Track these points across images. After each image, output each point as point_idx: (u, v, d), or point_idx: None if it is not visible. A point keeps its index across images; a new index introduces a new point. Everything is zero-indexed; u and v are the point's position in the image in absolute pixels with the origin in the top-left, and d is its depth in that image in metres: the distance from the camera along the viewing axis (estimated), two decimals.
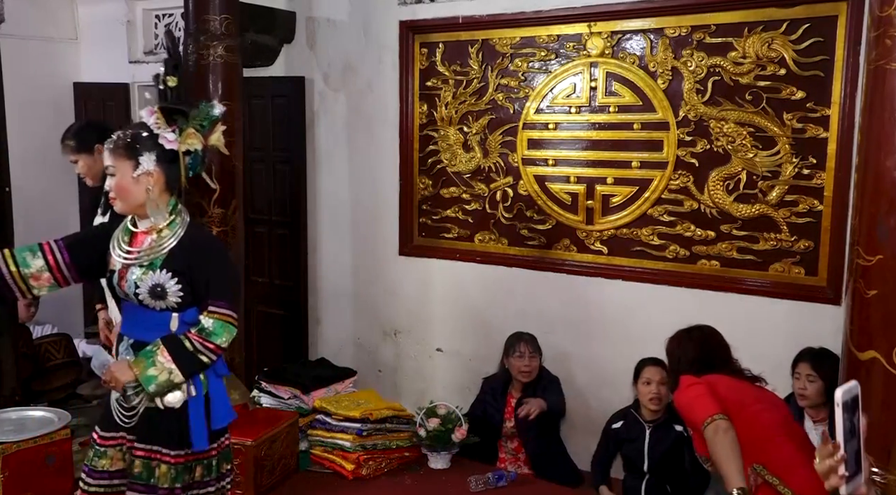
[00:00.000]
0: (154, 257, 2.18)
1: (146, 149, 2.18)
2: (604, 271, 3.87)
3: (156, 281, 2.16)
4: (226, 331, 2.19)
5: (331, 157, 4.78)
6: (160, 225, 2.21)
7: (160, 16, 5.60)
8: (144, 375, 2.11)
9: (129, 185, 2.18)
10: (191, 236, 2.23)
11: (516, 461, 3.54)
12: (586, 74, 3.86)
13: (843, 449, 1.38)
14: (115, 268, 2.22)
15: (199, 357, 2.16)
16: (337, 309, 4.85)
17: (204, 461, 2.26)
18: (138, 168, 2.17)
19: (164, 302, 2.18)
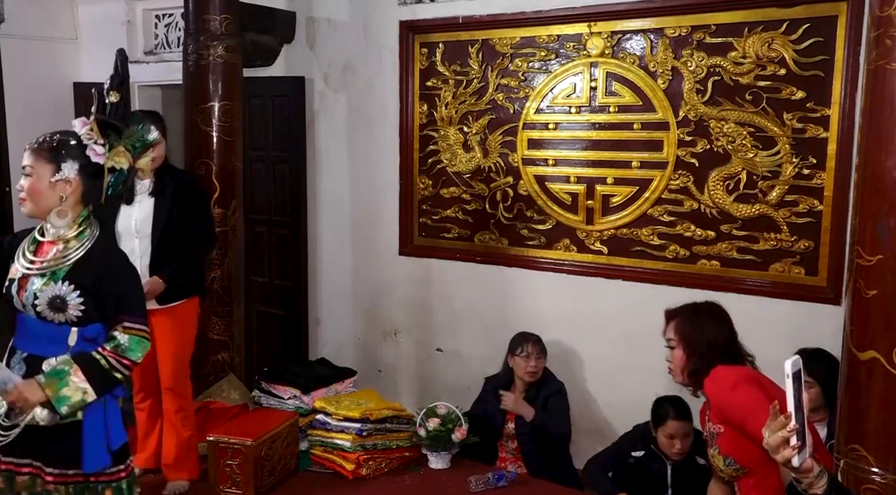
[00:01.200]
0: (57, 267, 2.10)
1: (70, 156, 2.12)
2: (604, 271, 3.87)
3: (56, 292, 2.08)
4: (140, 346, 2.12)
5: (331, 157, 4.78)
6: (67, 235, 2.14)
7: (160, 16, 5.60)
8: (57, 396, 2.00)
9: (44, 189, 2.11)
10: (101, 251, 2.16)
11: (516, 461, 3.53)
12: (586, 74, 3.86)
13: (794, 420, 1.41)
14: (15, 278, 2.14)
15: (113, 374, 2.08)
16: (337, 309, 4.85)
17: (113, 484, 2.16)
18: (57, 174, 2.11)
19: (64, 315, 2.09)
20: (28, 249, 2.16)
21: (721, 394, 2.22)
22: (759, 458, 2.15)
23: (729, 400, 2.20)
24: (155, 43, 5.64)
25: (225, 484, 3.06)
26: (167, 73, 5.22)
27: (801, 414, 1.44)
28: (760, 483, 2.22)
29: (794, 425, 1.41)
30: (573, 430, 3.63)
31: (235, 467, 3.04)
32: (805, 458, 1.45)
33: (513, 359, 3.60)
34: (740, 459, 2.22)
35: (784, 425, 1.43)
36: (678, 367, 2.34)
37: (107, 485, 2.14)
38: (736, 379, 2.23)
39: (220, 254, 4.04)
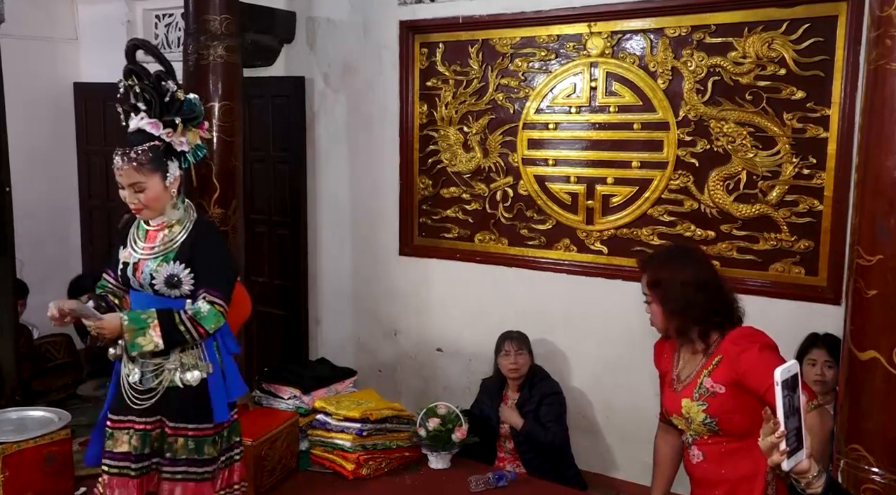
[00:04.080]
0: (167, 251, 2.34)
1: (168, 158, 2.33)
2: (604, 271, 3.87)
3: (171, 271, 2.32)
4: (216, 318, 2.32)
5: (331, 157, 4.78)
6: (172, 220, 2.38)
7: (160, 16, 5.60)
8: (132, 341, 2.25)
9: (162, 195, 2.33)
10: (198, 228, 2.40)
11: (514, 461, 3.54)
12: (586, 74, 3.86)
13: (784, 425, 1.46)
14: (130, 262, 2.38)
15: (185, 336, 2.29)
16: (337, 309, 4.85)
17: (221, 432, 2.44)
18: (167, 177, 2.32)
19: (179, 290, 2.34)
20: (138, 236, 2.40)
21: (750, 353, 2.14)
22: (744, 429, 2.17)
23: (758, 362, 2.11)
24: (155, 43, 5.63)
25: None
26: None
27: (796, 419, 1.48)
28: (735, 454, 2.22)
29: (782, 431, 1.46)
30: (573, 430, 3.63)
31: None
32: (799, 461, 1.50)
33: (497, 358, 3.63)
34: (725, 425, 2.21)
35: (773, 431, 1.47)
36: (658, 321, 2.30)
37: (219, 435, 2.43)
38: (764, 342, 2.19)
39: None
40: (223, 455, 2.48)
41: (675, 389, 2.32)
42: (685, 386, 2.29)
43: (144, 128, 2.31)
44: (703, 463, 2.29)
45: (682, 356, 2.36)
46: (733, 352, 2.19)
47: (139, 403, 2.37)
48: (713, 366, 2.23)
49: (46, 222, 5.56)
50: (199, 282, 2.34)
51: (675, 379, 2.34)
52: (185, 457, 2.37)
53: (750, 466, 2.22)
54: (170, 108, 2.33)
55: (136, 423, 2.38)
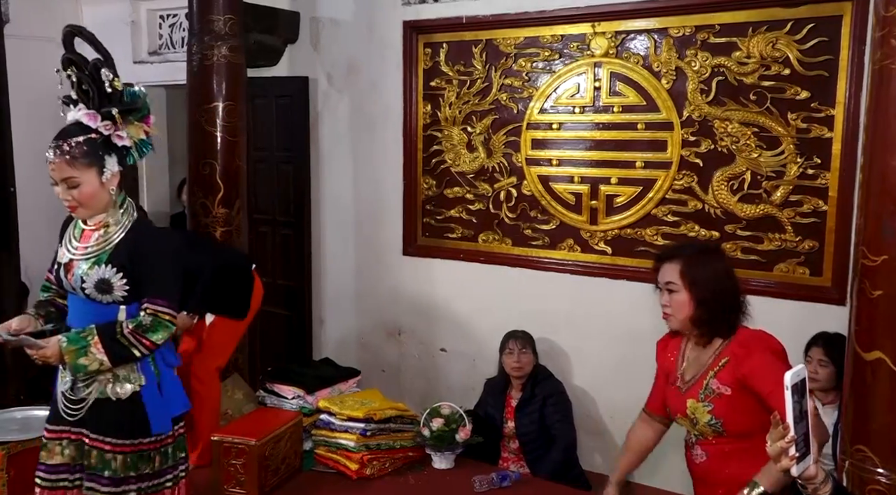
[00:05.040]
0: (100, 252, 2.21)
1: (106, 152, 2.19)
2: (608, 271, 3.87)
3: (101, 275, 2.18)
4: (163, 329, 2.21)
5: (334, 157, 4.78)
6: (108, 220, 2.23)
7: (164, 16, 5.61)
8: (75, 363, 2.15)
9: (98, 192, 2.18)
10: (136, 232, 2.25)
11: (518, 461, 3.54)
12: (590, 74, 3.85)
13: (793, 430, 1.45)
14: (62, 262, 2.25)
15: (131, 350, 2.18)
16: (341, 309, 4.85)
17: (161, 449, 2.30)
18: (104, 173, 2.18)
19: (111, 296, 2.21)
20: (74, 235, 2.27)
21: (757, 356, 2.14)
22: (748, 430, 2.16)
23: (764, 365, 2.12)
24: (159, 43, 5.65)
25: (229, 483, 3.05)
26: (171, 73, 5.23)
27: (805, 424, 1.47)
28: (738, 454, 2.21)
29: (792, 436, 1.44)
30: (577, 430, 3.63)
31: (239, 467, 3.03)
32: (807, 466, 1.49)
33: (501, 357, 3.63)
34: (730, 426, 2.20)
35: (783, 436, 1.46)
36: (680, 313, 2.25)
37: (156, 451, 2.29)
38: (772, 346, 2.18)
39: None
40: (167, 474, 2.32)
41: (680, 389, 2.31)
42: (690, 387, 2.28)
43: (81, 119, 2.18)
44: (706, 463, 2.28)
45: (687, 355, 2.35)
46: (740, 353, 2.18)
47: (72, 414, 2.26)
48: (720, 367, 2.22)
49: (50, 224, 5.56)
50: (142, 291, 2.21)
51: (680, 378, 2.33)
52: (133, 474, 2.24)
53: (753, 467, 2.21)
54: (110, 99, 2.19)
55: (72, 434, 2.28)
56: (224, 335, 3.48)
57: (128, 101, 2.22)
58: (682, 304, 2.25)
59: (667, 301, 2.30)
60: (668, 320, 2.33)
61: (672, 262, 2.29)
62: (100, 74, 2.17)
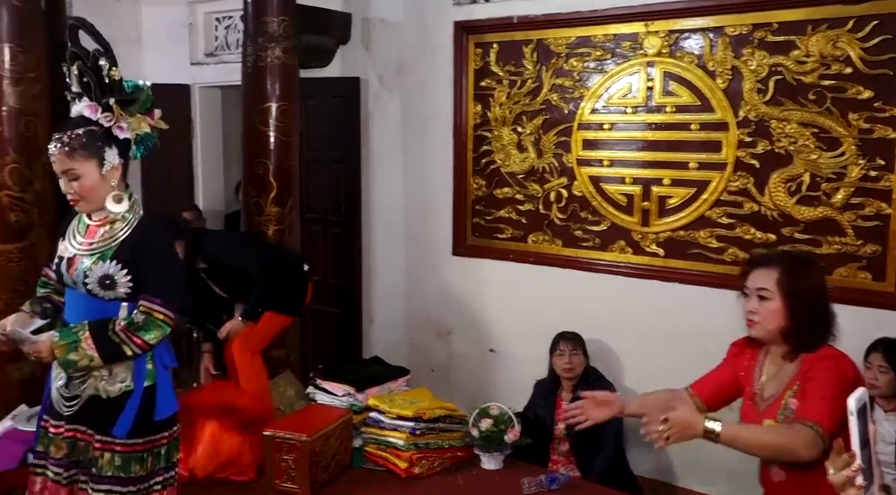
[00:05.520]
0: (105, 248, 2.17)
1: (106, 144, 2.16)
2: (660, 274, 3.82)
3: (105, 271, 2.14)
4: (156, 328, 2.15)
5: (385, 157, 4.82)
6: (116, 216, 2.20)
7: (220, 18, 5.72)
8: (65, 358, 2.11)
9: (98, 184, 2.15)
10: (140, 229, 2.21)
11: (568, 464, 3.51)
12: (643, 74, 3.81)
13: (859, 458, 1.36)
14: (65, 256, 2.21)
15: (122, 348, 2.13)
16: (390, 307, 4.88)
17: (154, 450, 2.24)
18: (104, 165, 2.15)
19: (114, 292, 2.17)
20: (78, 230, 2.23)
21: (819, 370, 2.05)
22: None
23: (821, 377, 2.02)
24: (215, 45, 5.76)
25: (281, 478, 3.10)
26: (227, 74, 5.33)
27: (868, 450, 1.39)
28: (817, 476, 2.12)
29: (858, 464, 1.36)
30: (627, 434, 3.59)
31: (291, 462, 3.07)
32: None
33: (552, 359, 3.61)
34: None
35: (848, 463, 1.38)
36: (770, 323, 2.12)
37: (149, 452, 2.22)
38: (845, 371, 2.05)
39: None
40: (159, 475, 2.26)
41: (758, 407, 2.18)
42: (769, 406, 2.15)
43: (83, 112, 2.16)
44: (784, 484, 2.16)
45: (764, 370, 2.21)
46: (820, 369, 2.06)
47: (65, 409, 2.22)
48: (797, 386, 2.09)
49: None
50: (141, 289, 2.17)
51: (758, 395, 2.19)
52: (111, 475, 2.18)
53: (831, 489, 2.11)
54: (109, 90, 2.16)
55: (66, 430, 2.23)
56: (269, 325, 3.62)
57: (127, 92, 2.20)
58: (773, 314, 2.12)
59: (755, 308, 2.15)
60: (753, 328, 2.18)
61: (768, 269, 2.16)
62: (98, 65, 2.14)
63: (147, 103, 2.24)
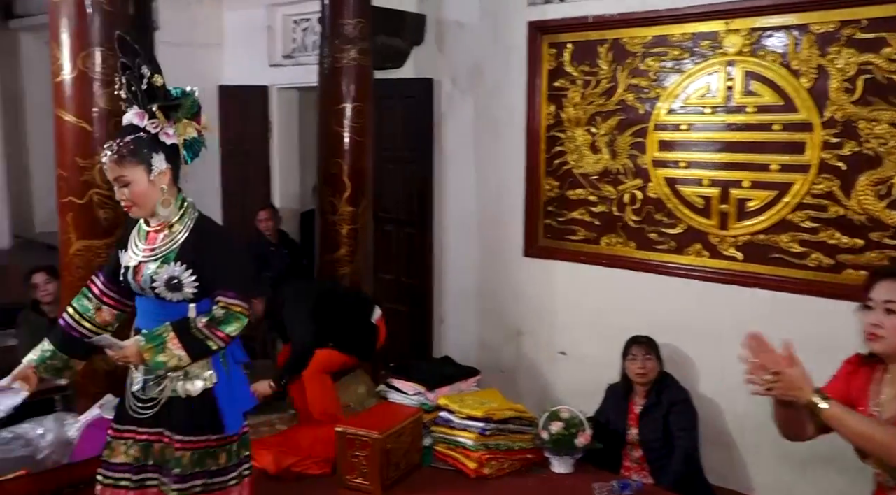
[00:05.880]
0: (168, 251, 2.22)
1: (153, 150, 2.20)
2: (738, 278, 3.72)
3: (171, 274, 2.19)
4: (235, 320, 2.21)
5: (457, 158, 4.83)
6: (172, 220, 2.25)
7: (298, 20, 5.84)
8: (154, 360, 2.15)
9: (147, 190, 2.20)
10: (199, 228, 2.26)
11: (641, 470, 3.45)
12: (722, 73, 3.72)
13: None
14: (130, 265, 2.26)
15: (207, 343, 2.19)
16: (461, 308, 4.90)
17: (226, 446, 2.29)
18: (152, 170, 2.19)
19: (181, 293, 2.22)
20: (139, 238, 2.28)
21: None
22: None
23: None
24: (293, 47, 5.89)
25: (352, 474, 3.15)
26: (303, 75, 5.44)
27: None
28: None
29: None
30: (703, 442, 3.51)
31: (363, 458, 3.13)
32: None
33: (624, 363, 3.56)
34: None
35: None
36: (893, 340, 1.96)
37: (221, 449, 2.28)
38: None
39: (351, 251, 4.19)
40: (232, 471, 2.31)
41: None
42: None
43: (132, 119, 2.21)
44: None
45: (883, 390, 2.05)
46: None
47: (140, 413, 2.27)
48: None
49: None
50: (211, 287, 2.22)
51: (876, 417, 2.02)
52: (200, 470, 2.24)
53: None
54: (154, 96, 2.20)
55: (138, 434, 2.28)
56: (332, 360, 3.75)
57: (172, 97, 2.23)
58: None
59: (880, 321, 2.00)
60: (876, 342, 2.02)
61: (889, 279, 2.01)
62: (142, 74, 2.18)
63: (193, 108, 2.28)
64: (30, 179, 7.57)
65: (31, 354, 2.30)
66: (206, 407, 2.25)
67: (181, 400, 2.24)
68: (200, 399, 2.24)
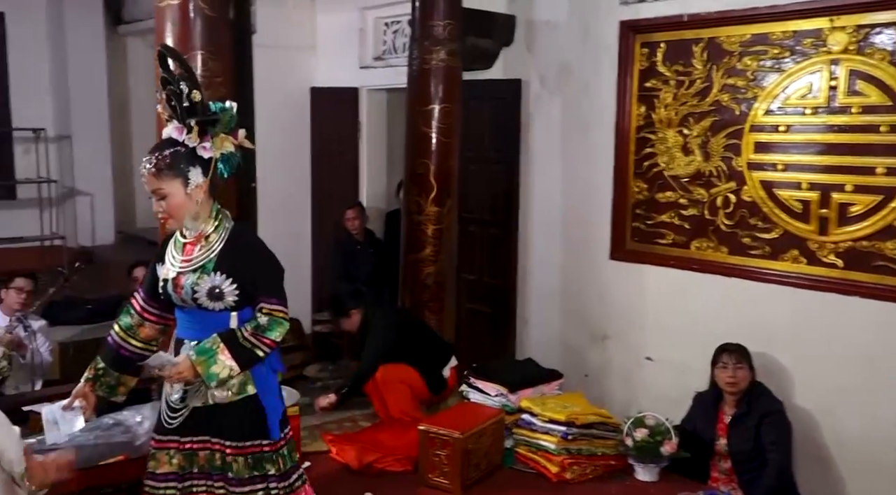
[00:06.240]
0: (206, 261, 2.26)
1: (190, 164, 2.24)
2: (838, 286, 3.55)
3: (213, 283, 2.24)
4: (279, 326, 2.26)
5: (544, 159, 4.80)
6: (207, 231, 2.29)
7: (389, 23, 5.92)
8: (207, 373, 2.20)
9: (184, 203, 2.24)
10: (235, 238, 2.30)
11: (730, 482, 3.34)
12: (825, 72, 3.56)
13: None
14: (169, 278, 2.30)
15: (255, 352, 2.24)
16: (545, 309, 4.86)
17: (279, 451, 2.33)
18: (188, 184, 2.23)
19: (223, 302, 2.26)
20: (175, 250, 2.33)
21: None
22: None
23: None
24: (383, 49, 5.98)
25: (434, 473, 3.18)
26: (393, 77, 5.52)
27: None
28: None
29: None
30: (798, 455, 3.37)
31: (444, 457, 3.14)
32: None
33: (714, 371, 3.44)
34: None
35: None
36: None
37: (276, 453, 2.33)
38: None
39: (435, 251, 4.21)
40: (293, 473, 2.38)
41: None
42: None
43: (171, 133, 2.26)
44: None
45: None
46: None
47: (171, 423, 2.32)
48: None
49: (283, 219, 6.02)
50: (252, 295, 2.27)
51: None
52: (259, 474, 2.29)
53: None
54: (192, 111, 2.24)
55: (182, 443, 2.32)
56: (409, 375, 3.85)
57: (210, 112, 2.27)
58: None
59: None
60: None
61: None
62: (181, 89, 2.23)
63: (231, 123, 2.31)
64: (133, 178, 7.96)
65: (87, 373, 2.39)
66: (253, 413, 2.30)
67: (226, 407, 2.29)
68: (246, 406, 2.30)
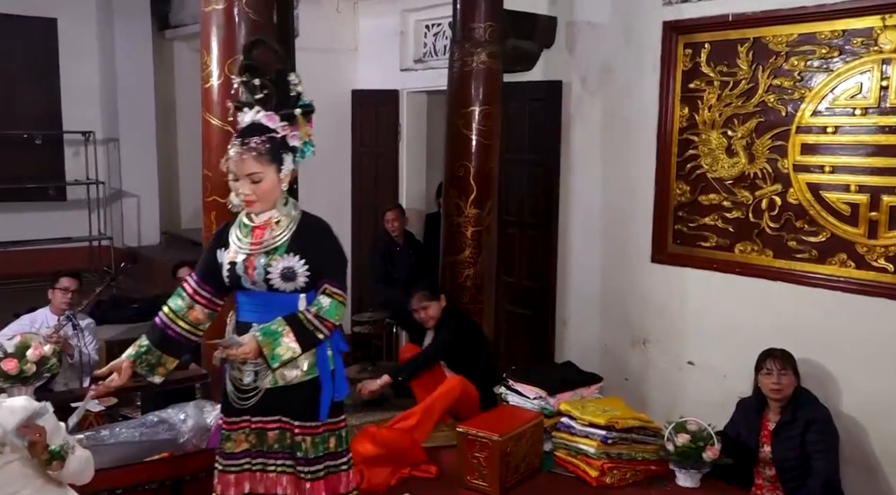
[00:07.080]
0: (279, 243, 2.31)
1: (284, 151, 2.32)
2: (889, 291, 3.46)
3: (287, 264, 2.28)
4: (339, 309, 2.31)
5: (585, 161, 4.77)
6: (278, 216, 2.34)
7: (429, 25, 5.94)
8: (272, 354, 2.24)
9: (275, 187, 2.31)
10: (305, 222, 2.37)
11: (774, 490, 3.28)
12: (876, 72, 3.48)
13: None
14: (237, 260, 2.33)
15: (317, 335, 2.28)
16: (584, 312, 4.83)
17: (335, 432, 2.41)
18: (282, 170, 2.31)
19: (294, 283, 2.30)
20: (241, 235, 2.37)
21: None
22: None
23: None
24: (423, 51, 6.00)
25: (472, 475, 3.17)
26: (433, 79, 5.53)
27: None
28: None
29: None
30: (844, 463, 3.30)
31: (482, 460, 3.14)
32: None
33: (758, 377, 3.38)
34: None
35: None
36: None
37: (332, 433, 2.40)
38: None
39: (475, 253, 4.22)
40: (345, 455, 2.45)
41: None
42: None
43: (261, 121, 2.31)
44: None
45: None
46: None
47: (242, 403, 2.37)
48: None
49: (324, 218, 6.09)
50: (318, 275, 2.32)
51: None
52: (324, 453, 2.37)
53: None
54: (290, 101, 2.33)
55: (252, 423, 2.39)
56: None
57: (305, 102, 2.35)
58: None
59: None
60: None
61: None
62: (284, 79, 2.31)
63: (309, 109, 2.40)
64: (177, 179, 8.12)
65: (130, 350, 2.43)
66: (313, 394, 2.35)
67: (295, 387, 2.34)
68: (315, 386, 2.35)
